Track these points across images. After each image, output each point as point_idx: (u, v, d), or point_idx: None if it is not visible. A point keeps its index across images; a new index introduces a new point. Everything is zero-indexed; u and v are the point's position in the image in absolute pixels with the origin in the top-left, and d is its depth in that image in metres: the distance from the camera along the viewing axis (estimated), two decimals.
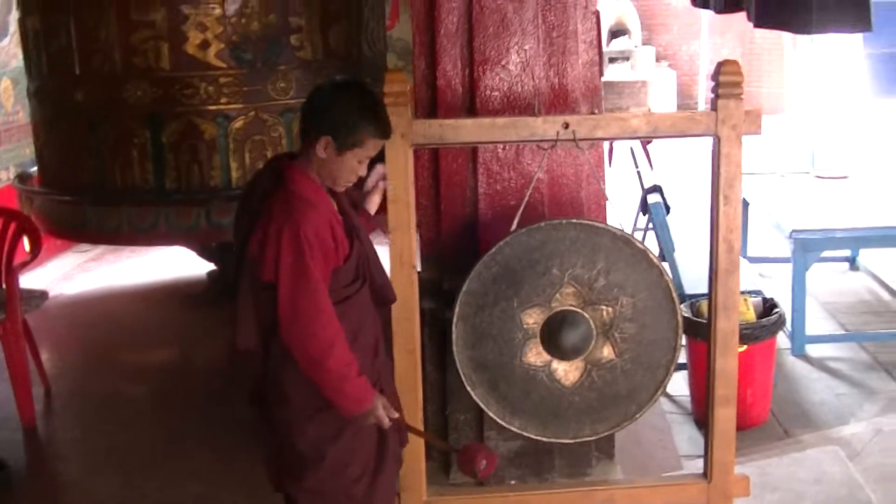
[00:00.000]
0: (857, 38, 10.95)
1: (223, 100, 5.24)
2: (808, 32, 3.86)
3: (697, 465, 4.23)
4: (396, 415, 2.89)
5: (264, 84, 5.29)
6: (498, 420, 3.35)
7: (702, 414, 4.59)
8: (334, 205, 2.81)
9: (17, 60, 7.15)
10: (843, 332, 5.79)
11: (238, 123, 5.27)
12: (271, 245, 2.62)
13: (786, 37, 12.31)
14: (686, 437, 4.59)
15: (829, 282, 6.52)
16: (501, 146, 3.60)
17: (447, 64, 3.65)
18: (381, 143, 2.79)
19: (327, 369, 2.68)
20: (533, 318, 3.24)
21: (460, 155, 3.68)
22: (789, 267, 5.62)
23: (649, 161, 7.09)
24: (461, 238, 3.71)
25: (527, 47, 3.62)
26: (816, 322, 5.78)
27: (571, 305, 3.24)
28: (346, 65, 5.46)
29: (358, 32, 5.69)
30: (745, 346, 4.17)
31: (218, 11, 5.10)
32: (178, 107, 5.22)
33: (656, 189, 5.67)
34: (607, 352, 3.30)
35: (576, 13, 3.63)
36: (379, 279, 2.97)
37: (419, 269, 3.36)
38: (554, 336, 3.25)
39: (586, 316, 3.25)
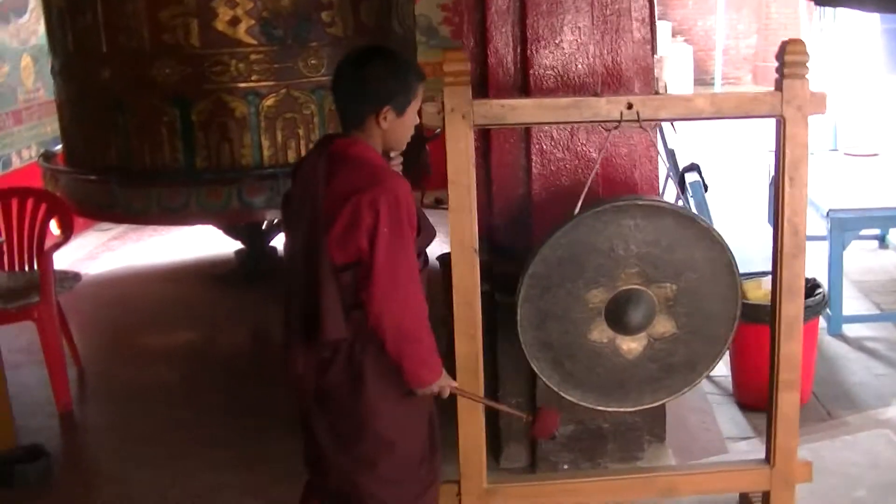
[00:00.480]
0: None
1: (254, 77, 5.18)
2: (871, 10, 3.78)
3: (742, 448, 4.21)
4: (455, 383, 2.90)
5: (295, 61, 5.21)
6: (563, 395, 3.31)
7: (744, 397, 4.57)
8: None
9: (36, 37, 7.06)
10: (879, 312, 5.72)
11: (269, 101, 5.20)
12: (366, 216, 2.54)
13: (802, 11, 12.19)
14: (728, 418, 4.54)
15: (860, 260, 6.45)
16: (556, 126, 3.53)
17: (499, 42, 3.57)
18: (423, 84, 2.77)
19: (420, 339, 2.64)
20: (598, 298, 3.20)
21: (512, 135, 3.61)
22: (820, 245, 5.55)
23: (672, 126, 6.97)
24: (514, 220, 3.64)
25: (580, 25, 3.54)
26: (850, 301, 5.71)
27: (636, 284, 3.20)
28: (377, 41, 5.36)
29: (388, 8, 5.60)
30: None
31: None
32: (207, 84, 5.15)
33: (694, 167, 5.59)
34: (669, 325, 3.28)
35: None
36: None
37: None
38: (619, 315, 3.23)
39: (650, 293, 3.23)
